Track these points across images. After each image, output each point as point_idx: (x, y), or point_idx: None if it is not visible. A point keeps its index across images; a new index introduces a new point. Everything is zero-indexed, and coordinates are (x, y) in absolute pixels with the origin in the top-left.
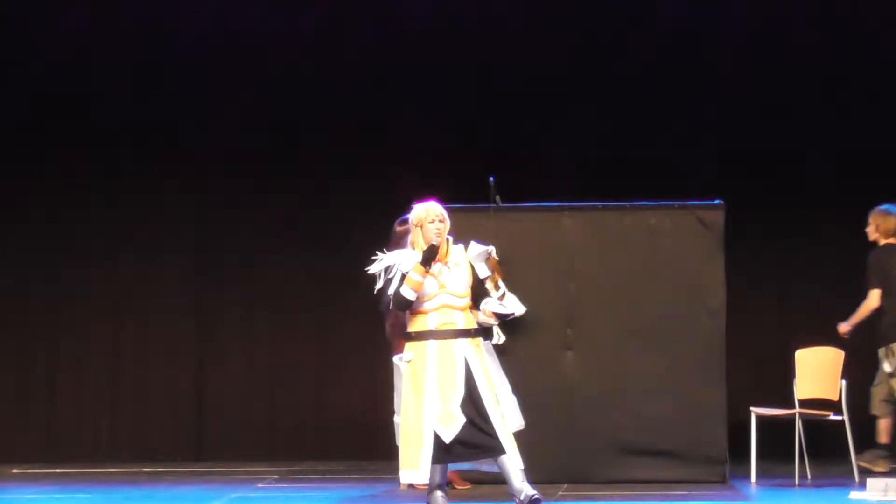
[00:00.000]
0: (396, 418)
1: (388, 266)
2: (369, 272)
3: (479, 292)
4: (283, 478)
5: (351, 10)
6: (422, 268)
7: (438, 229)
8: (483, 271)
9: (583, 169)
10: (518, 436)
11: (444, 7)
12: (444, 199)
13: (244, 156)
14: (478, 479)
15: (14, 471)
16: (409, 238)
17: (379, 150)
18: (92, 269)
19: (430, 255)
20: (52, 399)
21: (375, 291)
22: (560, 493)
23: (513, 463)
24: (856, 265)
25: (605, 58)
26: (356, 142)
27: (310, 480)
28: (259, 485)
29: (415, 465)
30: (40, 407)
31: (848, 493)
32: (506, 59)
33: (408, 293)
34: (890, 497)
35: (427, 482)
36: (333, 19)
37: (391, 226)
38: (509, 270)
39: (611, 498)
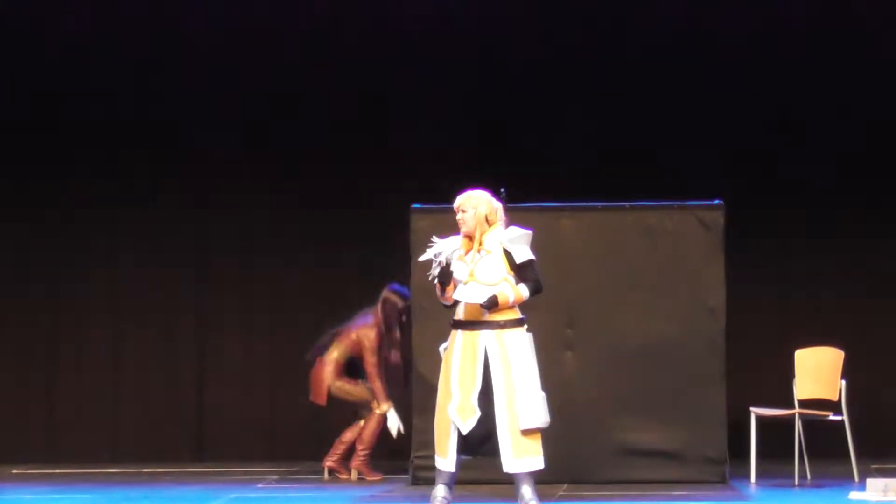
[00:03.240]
0: None
1: (437, 254)
2: (421, 260)
3: (520, 277)
4: (283, 478)
5: (351, 10)
6: (438, 285)
7: (460, 221)
8: (523, 255)
9: (582, 169)
10: None
11: (444, 7)
12: (443, 200)
13: (244, 156)
14: (479, 480)
15: (14, 471)
16: None
17: (379, 149)
18: (92, 269)
19: (442, 279)
20: (52, 399)
21: (430, 278)
22: (560, 493)
23: (504, 466)
24: (856, 265)
25: (605, 57)
26: (356, 142)
27: (310, 481)
28: (259, 485)
29: (443, 454)
30: (40, 407)
31: (848, 494)
32: (506, 58)
33: (441, 299)
34: (890, 497)
35: (454, 470)
36: (333, 19)
37: (391, 226)
38: None
39: (611, 498)
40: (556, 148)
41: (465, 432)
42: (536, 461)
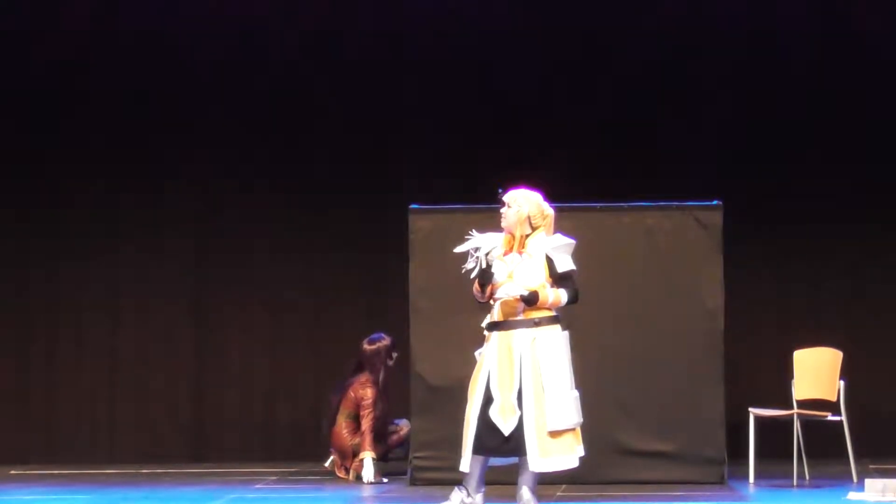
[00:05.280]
0: None
1: (475, 248)
2: (456, 251)
3: (558, 286)
4: (282, 478)
5: (351, 10)
6: (479, 287)
7: (502, 214)
8: (565, 264)
9: (582, 169)
10: None
11: (444, 7)
12: (443, 199)
13: (244, 156)
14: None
15: (13, 472)
16: None
17: (379, 150)
18: (91, 268)
19: (483, 280)
20: (51, 399)
21: (463, 270)
22: (559, 493)
23: (530, 465)
24: (855, 265)
25: (605, 57)
26: (356, 142)
27: (309, 481)
28: (257, 485)
29: (461, 454)
30: (39, 407)
31: (846, 494)
32: (506, 58)
33: (475, 295)
34: (888, 497)
35: (468, 470)
36: (333, 19)
37: (390, 226)
38: None
39: (609, 498)
40: (556, 148)
41: (507, 433)
42: (566, 460)
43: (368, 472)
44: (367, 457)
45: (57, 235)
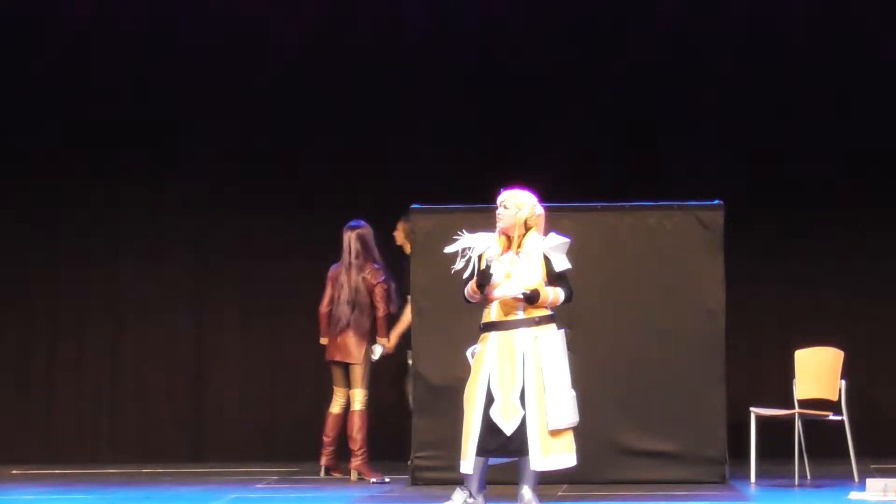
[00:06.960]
0: None
1: (465, 248)
2: (446, 252)
3: (554, 285)
4: (283, 478)
5: (351, 10)
6: (476, 288)
7: (499, 216)
8: (562, 264)
9: (583, 169)
10: None
11: (443, 7)
12: (442, 199)
13: (244, 156)
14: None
15: (14, 471)
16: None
17: (379, 150)
18: (92, 269)
19: (483, 281)
20: (52, 400)
21: (452, 271)
22: (560, 493)
23: (532, 464)
24: (856, 265)
25: (605, 58)
26: (356, 142)
27: (310, 481)
28: (258, 485)
29: (464, 455)
30: (40, 407)
31: (847, 494)
32: (506, 58)
33: (469, 296)
34: (889, 497)
35: (471, 472)
36: (333, 19)
37: (391, 226)
38: None
39: (610, 498)
40: (556, 148)
41: (509, 433)
42: (566, 458)
43: (378, 353)
44: (381, 344)
45: (57, 236)
